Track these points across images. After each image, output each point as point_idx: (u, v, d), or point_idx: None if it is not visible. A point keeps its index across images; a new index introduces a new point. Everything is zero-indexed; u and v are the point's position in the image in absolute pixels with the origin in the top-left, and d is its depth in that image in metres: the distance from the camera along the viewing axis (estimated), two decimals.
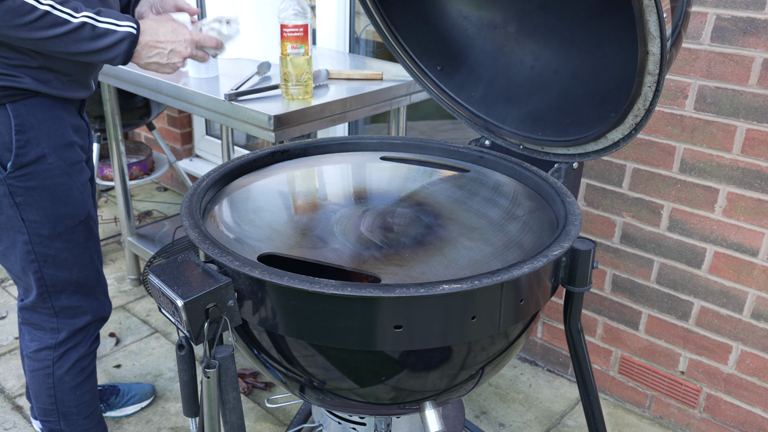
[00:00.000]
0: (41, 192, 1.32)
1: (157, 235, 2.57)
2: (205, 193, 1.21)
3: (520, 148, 1.43)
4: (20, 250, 1.37)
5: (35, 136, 1.28)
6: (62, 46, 1.18)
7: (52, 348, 1.50)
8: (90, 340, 1.55)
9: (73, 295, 1.47)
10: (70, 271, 1.43)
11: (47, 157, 1.31)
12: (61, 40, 1.17)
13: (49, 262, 1.40)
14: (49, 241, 1.37)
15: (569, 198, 1.19)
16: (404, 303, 0.92)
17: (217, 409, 1.02)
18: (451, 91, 1.51)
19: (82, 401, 1.57)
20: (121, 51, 1.23)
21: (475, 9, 1.46)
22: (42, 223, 1.35)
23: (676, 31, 1.15)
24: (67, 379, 1.53)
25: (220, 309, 0.96)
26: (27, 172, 1.29)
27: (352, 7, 2.43)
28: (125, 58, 1.24)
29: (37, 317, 1.48)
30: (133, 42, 1.24)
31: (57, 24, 1.15)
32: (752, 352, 1.75)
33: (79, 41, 1.18)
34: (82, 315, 1.50)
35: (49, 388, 1.52)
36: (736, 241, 1.70)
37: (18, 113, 1.25)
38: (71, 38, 1.17)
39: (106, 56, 1.22)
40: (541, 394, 2.10)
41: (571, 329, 1.23)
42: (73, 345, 1.51)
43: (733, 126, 1.62)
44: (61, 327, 1.49)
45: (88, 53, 1.20)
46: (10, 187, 1.29)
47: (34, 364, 1.52)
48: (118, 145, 2.38)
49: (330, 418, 1.33)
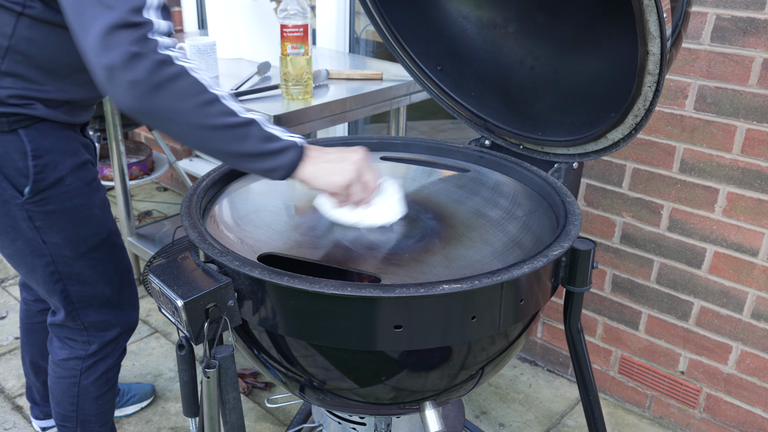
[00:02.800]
0: (61, 215, 1.29)
1: (157, 235, 2.57)
2: (205, 193, 1.21)
3: (520, 148, 1.43)
4: (43, 271, 1.35)
5: (52, 159, 1.25)
6: (228, 143, 1.01)
7: (81, 359, 1.49)
8: (118, 352, 1.54)
9: (100, 310, 1.45)
10: (94, 287, 1.41)
11: (65, 180, 1.28)
12: (229, 133, 1.00)
13: (74, 280, 1.38)
14: (72, 261, 1.35)
15: (569, 198, 1.19)
16: (404, 303, 0.92)
17: (217, 409, 1.02)
18: (451, 91, 1.51)
19: (102, 410, 1.57)
20: (287, 160, 1.05)
21: (475, 9, 1.46)
22: (63, 245, 1.32)
23: (676, 31, 1.15)
24: (92, 389, 1.52)
25: (220, 309, 0.96)
26: (45, 196, 1.26)
27: (352, 7, 2.43)
28: (289, 169, 1.06)
29: (67, 331, 1.47)
30: (300, 153, 1.06)
31: (226, 113, 1.00)
32: (752, 352, 1.75)
33: (247, 139, 1.01)
34: (112, 328, 1.49)
35: (73, 396, 1.52)
36: (736, 241, 1.70)
37: (32, 138, 1.22)
38: (239, 133, 1.01)
39: (270, 163, 1.04)
40: (541, 394, 2.10)
41: (571, 329, 1.23)
42: (102, 357, 1.51)
43: (733, 126, 1.62)
44: (92, 340, 1.48)
45: (253, 156, 1.03)
46: (29, 212, 1.26)
47: (61, 372, 1.51)
48: (118, 145, 2.38)
49: (330, 418, 1.33)
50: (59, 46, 1.17)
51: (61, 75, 1.21)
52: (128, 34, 0.91)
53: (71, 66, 1.20)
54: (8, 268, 2.74)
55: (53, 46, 1.17)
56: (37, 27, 1.14)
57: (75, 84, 1.24)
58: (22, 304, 1.71)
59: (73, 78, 1.23)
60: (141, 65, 0.91)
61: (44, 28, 1.14)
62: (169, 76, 0.94)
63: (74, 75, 1.22)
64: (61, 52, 1.18)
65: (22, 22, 1.12)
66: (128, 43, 0.91)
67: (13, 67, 1.16)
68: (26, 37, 1.14)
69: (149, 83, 0.92)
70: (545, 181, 1.27)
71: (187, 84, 0.96)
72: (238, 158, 1.03)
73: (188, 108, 0.97)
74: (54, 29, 1.15)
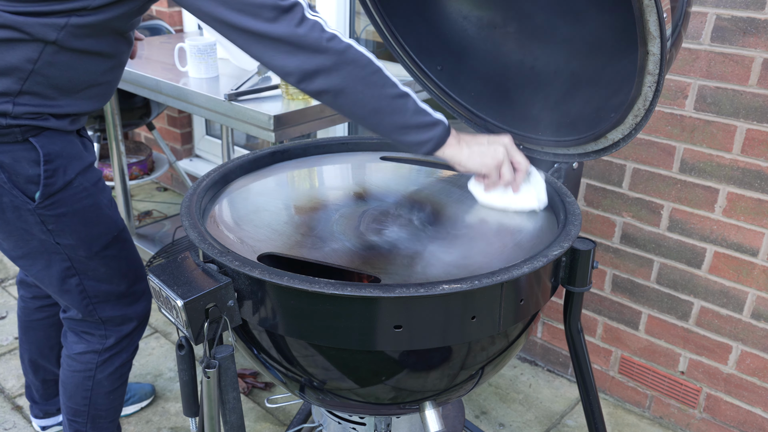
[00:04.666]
0: (72, 217, 1.31)
1: (157, 235, 2.57)
2: (205, 193, 1.21)
3: (520, 148, 1.43)
4: (57, 268, 1.36)
5: (61, 163, 1.26)
6: (388, 115, 1.09)
7: (97, 352, 1.50)
8: (132, 347, 1.55)
9: (117, 305, 1.46)
10: (110, 283, 1.43)
11: (73, 182, 1.29)
12: (390, 104, 1.09)
13: (90, 276, 1.39)
14: (87, 260, 1.37)
15: (569, 198, 1.19)
16: (404, 303, 0.92)
17: (217, 409, 1.02)
18: (451, 91, 1.51)
19: (112, 406, 1.58)
20: (437, 134, 1.13)
21: (475, 9, 1.46)
22: (77, 246, 1.34)
23: (676, 31, 1.15)
24: (107, 383, 1.53)
25: (220, 309, 0.96)
26: (56, 200, 1.27)
27: (352, 7, 2.43)
28: (438, 144, 1.14)
29: (86, 325, 1.48)
30: (448, 130, 1.15)
31: (388, 84, 1.09)
32: (752, 352, 1.75)
33: (404, 111, 1.10)
34: (128, 322, 1.50)
35: (86, 390, 1.52)
36: (736, 241, 1.70)
37: (42, 144, 1.24)
38: (399, 105, 1.09)
39: (422, 136, 1.12)
40: (541, 394, 2.10)
41: (571, 329, 1.23)
42: (118, 351, 1.52)
43: (733, 126, 1.62)
44: (110, 333, 1.49)
45: (408, 128, 1.11)
46: (41, 216, 1.28)
47: (76, 365, 1.51)
48: (118, 145, 2.38)
49: (330, 418, 1.33)
50: (78, 68, 1.21)
51: (74, 91, 1.24)
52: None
53: (85, 83, 1.24)
54: (8, 268, 2.73)
55: (73, 68, 1.20)
56: (62, 53, 1.17)
57: (85, 98, 1.27)
58: (19, 302, 1.71)
59: (84, 92, 1.26)
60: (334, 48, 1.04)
61: (68, 54, 1.18)
62: (358, 55, 1.07)
63: (86, 90, 1.26)
64: (79, 72, 1.22)
65: (49, 49, 1.16)
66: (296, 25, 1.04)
67: (33, 88, 1.19)
68: (49, 62, 1.17)
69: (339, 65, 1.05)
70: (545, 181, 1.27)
71: (359, 53, 1.07)
72: (395, 129, 1.11)
73: (360, 77, 1.06)
74: (76, 54, 1.18)
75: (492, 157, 1.17)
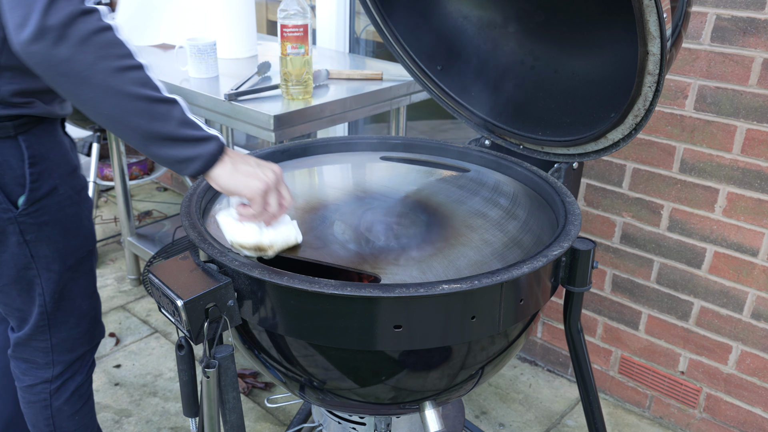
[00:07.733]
0: (53, 226, 1.25)
1: (157, 235, 2.57)
2: (205, 193, 1.21)
3: (520, 148, 1.43)
4: (24, 286, 1.29)
5: (47, 167, 1.21)
6: (145, 118, 0.93)
7: (48, 381, 1.41)
8: (87, 366, 1.47)
9: (74, 328, 1.39)
10: (73, 302, 1.36)
11: (59, 188, 1.24)
12: (148, 107, 0.93)
13: (56, 297, 1.32)
14: (57, 276, 1.30)
15: (569, 198, 1.19)
16: (404, 303, 0.92)
17: (217, 409, 1.02)
18: (451, 91, 1.51)
19: (81, 424, 1.50)
20: (207, 151, 0.97)
21: (475, 9, 1.46)
22: (53, 258, 1.28)
23: (676, 31, 1.15)
24: (66, 408, 1.45)
25: (219, 309, 0.96)
26: (40, 206, 1.22)
27: (352, 7, 2.43)
28: (208, 163, 0.98)
29: (30, 352, 1.38)
30: (221, 148, 0.99)
31: (148, 85, 0.93)
32: (752, 352, 1.75)
33: (167, 119, 0.94)
34: (79, 347, 1.42)
35: (47, 418, 1.44)
36: (736, 241, 1.70)
37: (30, 144, 1.18)
38: (160, 110, 0.94)
39: (188, 151, 0.96)
40: (541, 394, 2.10)
41: (571, 329, 1.23)
42: (71, 375, 1.43)
43: (733, 126, 1.62)
44: (57, 360, 1.40)
45: (171, 139, 0.95)
46: (21, 225, 1.21)
47: (29, 397, 1.43)
48: (118, 145, 2.38)
49: (330, 418, 1.33)
50: None
51: None
52: None
53: None
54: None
55: None
56: None
57: None
58: None
59: None
60: (63, 10, 0.85)
61: None
62: (93, 28, 0.87)
63: None
64: None
65: None
66: None
67: (11, 60, 1.11)
68: None
69: (73, 34, 0.86)
70: (545, 181, 1.27)
71: (111, 40, 0.89)
72: (152, 140, 0.94)
73: (108, 68, 0.89)
74: None
75: (260, 179, 1.00)
